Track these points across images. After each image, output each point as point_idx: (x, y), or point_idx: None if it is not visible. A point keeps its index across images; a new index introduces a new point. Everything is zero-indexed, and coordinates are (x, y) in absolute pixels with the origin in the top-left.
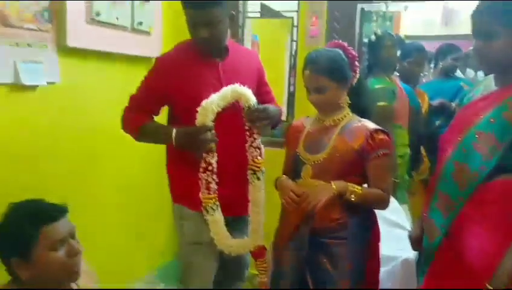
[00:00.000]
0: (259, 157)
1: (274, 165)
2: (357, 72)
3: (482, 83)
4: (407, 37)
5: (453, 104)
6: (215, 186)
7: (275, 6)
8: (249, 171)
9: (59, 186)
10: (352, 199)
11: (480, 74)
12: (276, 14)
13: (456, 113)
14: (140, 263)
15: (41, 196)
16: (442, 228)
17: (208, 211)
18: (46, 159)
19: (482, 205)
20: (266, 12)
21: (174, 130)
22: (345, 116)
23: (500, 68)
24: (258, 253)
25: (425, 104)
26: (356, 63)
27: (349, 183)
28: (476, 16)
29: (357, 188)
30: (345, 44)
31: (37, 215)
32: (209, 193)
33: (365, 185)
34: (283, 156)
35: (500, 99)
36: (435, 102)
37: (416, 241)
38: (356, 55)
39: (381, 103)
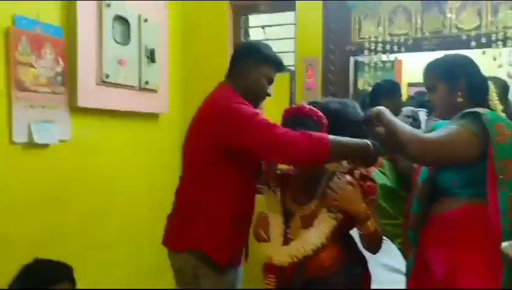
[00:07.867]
0: None
1: None
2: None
3: None
4: (410, 84)
5: None
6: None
7: None
8: None
9: (70, 235)
10: (367, 231)
11: None
12: None
13: None
14: None
15: (55, 242)
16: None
17: None
18: (58, 209)
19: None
20: None
21: (368, 141)
22: (331, 165)
23: (442, 113)
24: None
25: None
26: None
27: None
28: (423, 73)
29: (373, 222)
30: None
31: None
32: None
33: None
34: None
35: None
36: None
37: None
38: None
39: None
